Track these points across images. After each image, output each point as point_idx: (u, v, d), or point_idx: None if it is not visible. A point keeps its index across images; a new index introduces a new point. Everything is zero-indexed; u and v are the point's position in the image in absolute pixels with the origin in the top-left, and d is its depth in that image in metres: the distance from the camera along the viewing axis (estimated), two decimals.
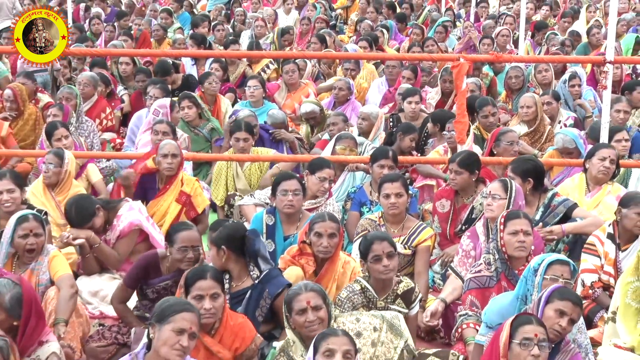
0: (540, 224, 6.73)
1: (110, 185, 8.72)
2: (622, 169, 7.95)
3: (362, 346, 4.96)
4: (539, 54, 14.18)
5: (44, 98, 10.76)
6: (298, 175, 7.49)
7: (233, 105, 11.07)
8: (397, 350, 5.04)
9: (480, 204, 6.87)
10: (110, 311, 6.44)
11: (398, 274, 5.85)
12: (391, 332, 5.08)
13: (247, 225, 6.78)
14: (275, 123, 9.75)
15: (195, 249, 5.87)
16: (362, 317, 5.16)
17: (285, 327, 5.03)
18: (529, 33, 15.25)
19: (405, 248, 6.58)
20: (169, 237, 5.96)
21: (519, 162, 7.11)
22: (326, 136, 9.56)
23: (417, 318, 5.83)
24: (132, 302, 6.17)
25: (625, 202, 6.39)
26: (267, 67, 12.95)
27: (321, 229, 5.91)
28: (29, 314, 4.92)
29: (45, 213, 6.93)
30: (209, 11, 18.44)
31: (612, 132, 8.31)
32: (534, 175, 6.92)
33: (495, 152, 8.25)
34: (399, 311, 5.61)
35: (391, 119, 9.95)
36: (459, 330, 5.71)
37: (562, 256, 5.47)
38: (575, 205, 6.89)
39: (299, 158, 8.89)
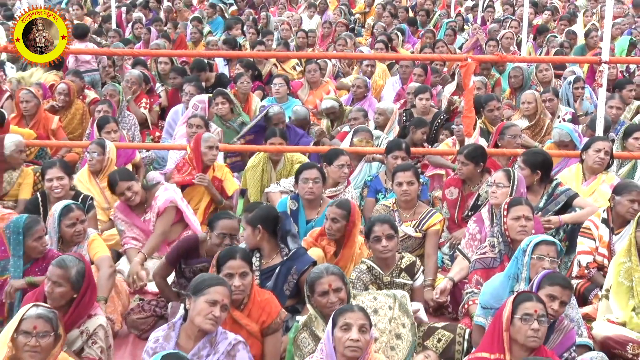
0: (540, 212, 6.72)
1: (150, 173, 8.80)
2: (629, 163, 8.04)
3: (378, 322, 4.97)
4: (540, 54, 14.15)
5: (90, 94, 10.87)
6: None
7: (262, 100, 11.11)
8: (406, 327, 5.04)
9: (486, 192, 6.88)
10: (150, 287, 6.48)
11: (400, 251, 5.87)
12: (400, 310, 5.09)
13: None
14: (298, 119, 9.75)
15: (233, 237, 5.89)
16: (379, 297, 5.16)
17: (307, 304, 5.06)
18: (531, 36, 15.19)
19: (416, 231, 6.59)
20: (211, 223, 5.96)
21: (529, 154, 7.08)
22: (346, 128, 9.57)
23: (422, 288, 5.87)
24: (169, 280, 6.19)
25: (618, 190, 6.38)
26: (294, 68, 12.98)
27: (326, 212, 6.07)
28: (87, 288, 4.94)
29: (91, 198, 6.99)
30: (240, 15, 18.47)
31: (631, 130, 8.26)
32: (543, 167, 6.91)
33: (499, 145, 8.26)
34: (405, 283, 5.67)
35: (404, 114, 9.94)
36: (466, 306, 5.75)
37: (549, 237, 5.47)
38: (576, 195, 6.87)
39: (321, 149, 8.87)
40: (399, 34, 14.98)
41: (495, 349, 4.45)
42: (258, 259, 5.74)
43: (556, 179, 7.14)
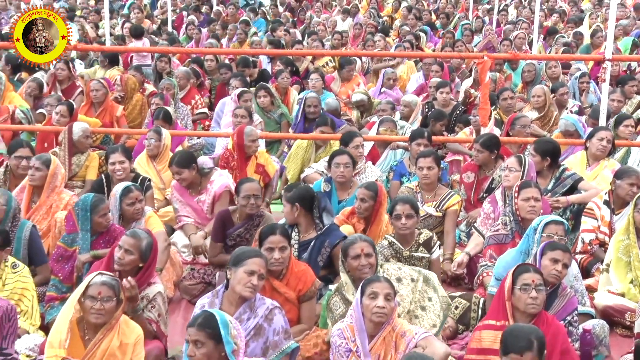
0: (549, 194, 6.68)
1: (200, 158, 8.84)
2: (623, 149, 7.96)
3: (401, 289, 4.96)
4: (549, 53, 14.03)
5: (149, 87, 10.94)
6: None
7: (299, 94, 11.11)
8: (433, 301, 5.01)
9: (499, 176, 6.85)
10: (200, 258, 6.53)
11: (419, 227, 5.86)
12: (426, 285, 5.06)
13: None
14: (330, 110, 9.74)
15: (256, 197, 5.99)
16: (404, 268, 5.15)
17: (340, 271, 5.05)
18: (541, 36, 15.06)
19: (437, 211, 6.56)
20: (236, 189, 6.10)
21: (540, 143, 7.03)
22: (374, 119, 9.55)
23: (439, 261, 5.86)
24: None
25: (619, 174, 6.37)
26: (327, 64, 12.97)
27: (357, 193, 6.05)
28: (152, 259, 4.97)
29: (149, 179, 7.03)
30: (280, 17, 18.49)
31: (621, 119, 8.23)
32: (552, 154, 6.87)
33: (510, 134, 8.24)
34: (422, 256, 5.67)
35: (427, 106, 9.92)
36: (480, 277, 5.72)
37: (557, 217, 5.46)
38: (581, 179, 6.83)
39: (337, 137, 8.81)
40: (421, 34, 14.91)
41: (500, 316, 4.44)
42: (297, 233, 5.75)
43: (563, 164, 7.10)
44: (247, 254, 4.52)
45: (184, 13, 18.35)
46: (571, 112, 9.48)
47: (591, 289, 5.79)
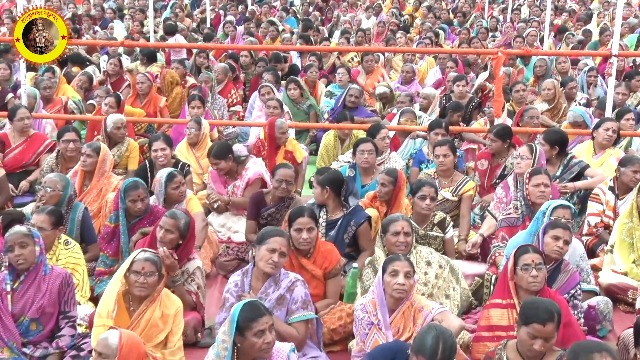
0: (557, 180, 6.63)
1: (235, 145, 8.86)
2: (626, 138, 7.91)
3: (430, 272, 4.95)
4: (559, 49, 13.89)
5: (190, 80, 10.96)
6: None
7: (326, 87, 11.09)
8: (455, 291, 4.98)
9: (511, 163, 6.81)
10: (235, 237, 6.54)
11: (434, 210, 5.84)
12: (452, 274, 5.05)
13: None
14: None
15: (288, 183, 6.05)
16: (435, 253, 5.15)
17: (376, 246, 5.09)
18: (552, 34, 14.89)
19: (453, 196, 6.52)
20: (272, 172, 6.19)
21: (549, 133, 6.99)
22: (394, 110, 9.52)
23: (452, 240, 5.84)
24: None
25: (623, 162, 6.34)
26: (352, 59, 12.92)
27: (378, 178, 6.04)
28: (190, 236, 5.00)
29: (189, 165, 7.05)
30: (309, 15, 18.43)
31: (622, 113, 8.13)
32: (560, 143, 6.83)
33: (520, 125, 8.17)
34: (436, 236, 5.66)
35: (444, 98, 9.86)
36: (493, 257, 5.68)
37: (565, 202, 5.43)
38: (587, 166, 6.80)
39: (365, 127, 8.78)
40: (440, 32, 14.81)
41: (505, 295, 4.42)
42: (325, 213, 5.75)
43: (571, 152, 7.05)
44: (270, 233, 4.51)
45: (221, 12, 18.36)
46: (579, 104, 9.43)
47: (596, 269, 5.79)
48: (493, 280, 5.34)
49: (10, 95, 9.46)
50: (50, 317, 4.51)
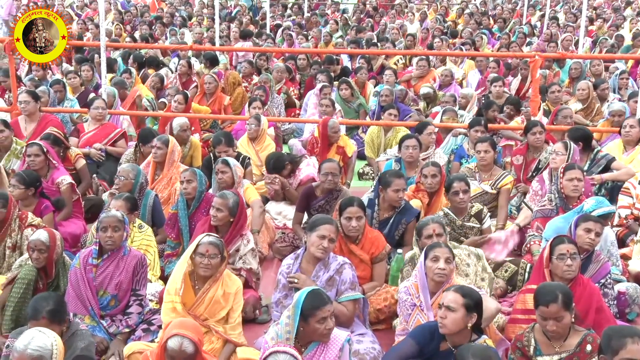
0: (585, 173, 6.49)
1: (290, 140, 8.87)
2: None
3: (469, 266, 4.90)
4: (593, 53, 13.57)
5: (255, 78, 11.02)
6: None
7: (374, 87, 11.02)
8: (485, 282, 4.91)
9: (545, 158, 6.71)
10: (290, 224, 6.54)
11: (472, 202, 5.74)
12: (482, 268, 4.98)
13: None
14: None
15: (334, 175, 6.03)
16: (463, 250, 5.07)
17: (414, 245, 5.03)
18: (587, 39, 14.54)
19: (492, 189, 6.43)
20: (319, 167, 6.17)
21: (572, 130, 6.92)
22: (437, 109, 9.43)
23: (490, 230, 5.72)
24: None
25: None
26: (397, 62, 12.80)
27: (425, 171, 5.94)
28: (240, 214, 5.07)
29: (249, 158, 7.08)
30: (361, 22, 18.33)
31: None
32: (583, 139, 6.72)
33: (555, 124, 8.02)
34: (473, 226, 5.57)
35: (483, 98, 9.74)
36: (528, 245, 5.60)
37: (601, 211, 5.16)
38: (613, 159, 6.70)
39: (412, 124, 8.71)
40: (483, 36, 14.60)
41: (541, 281, 4.32)
42: (377, 211, 5.62)
43: (597, 147, 6.93)
44: (320, 220, 4.49)
45: (279, 19, 18.37)
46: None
47: (626, 257, 5.66)
48: (528, 269, 5.26)
49: (92, 94, 9.65)
50: (125, 293, 4.58)
